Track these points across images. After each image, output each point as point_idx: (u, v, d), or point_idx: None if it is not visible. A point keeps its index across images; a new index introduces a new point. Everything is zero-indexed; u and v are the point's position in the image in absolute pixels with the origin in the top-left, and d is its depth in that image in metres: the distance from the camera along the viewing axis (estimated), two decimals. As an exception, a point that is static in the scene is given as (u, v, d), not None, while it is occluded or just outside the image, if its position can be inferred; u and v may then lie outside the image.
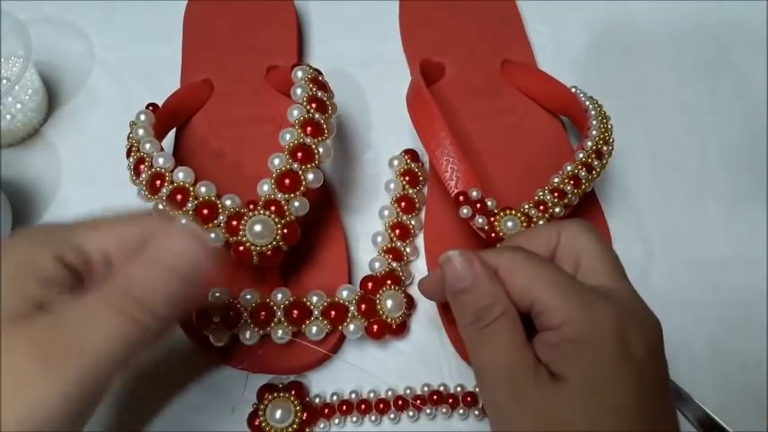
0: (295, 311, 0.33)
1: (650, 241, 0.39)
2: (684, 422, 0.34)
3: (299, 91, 0.34)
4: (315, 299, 0.33)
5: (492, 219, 0.33)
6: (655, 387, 0.24)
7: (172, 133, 0.40)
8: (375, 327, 0.33)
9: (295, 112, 0.33)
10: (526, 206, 0.33)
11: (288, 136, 0.32)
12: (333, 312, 0.33)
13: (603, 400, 0.23)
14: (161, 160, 0.32)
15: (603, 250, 0.27)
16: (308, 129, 0.33)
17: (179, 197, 0.31)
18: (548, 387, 0.24)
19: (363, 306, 0.33)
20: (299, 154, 0.32)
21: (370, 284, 0.34)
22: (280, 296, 0.33)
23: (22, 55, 0.39)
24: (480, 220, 0.33)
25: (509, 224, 0.33)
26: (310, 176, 0.32)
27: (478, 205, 0.33)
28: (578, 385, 0.23)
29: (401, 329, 0.34)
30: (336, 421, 0.33)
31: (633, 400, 0.23)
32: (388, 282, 0.34)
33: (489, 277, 0.26)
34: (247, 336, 0.32)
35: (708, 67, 0.46)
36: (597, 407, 0.23)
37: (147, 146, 0.33)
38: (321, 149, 0.33)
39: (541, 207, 0.33)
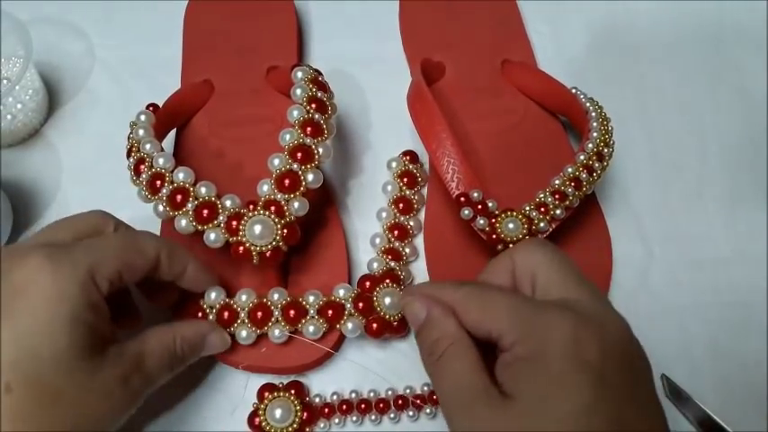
0: (291, 311, 0.33)
1: (650, 241, 0.39)
2: (684, 422, 0.34)
3: (298, 91, 0.34)
4: (311, 298, 0.33)
5: (493, 220, 0.33)
6: (621, 390, 0.24)
7: (172, 133, 0.40)
8: (375, 325, 0.33)
9: (295, 113, 0.33)
10: (527, 208, 0.33)
11: (288, 136, 0.32)
12: (329, 311, 0.33)
13: (552, 411, 0.23)
14: (161, 160, 0.32)
15: (556, 261, 0.28)
16: (308, 129, 0.33)
17: (179, 197, 0.31)
18: (499, 406, 0.24)
19: (360, 304, 0.33)
20: (299, 154, 0.32)
21: (367, 283, 0.34)
22: (276, 296, 0.33)
23: (22, 55, 0.39)
24: (482, 222, 0.33)
25: (510, 225, 0.33)
26: (310, 177, 0.32)
27: (480, 207, 0.33)
28: (527, 400, 0.24)
29: (401, 327, 0.34)
30: (336, 421, 0.33)
31: (590, 405, 0.23)
32: (387, 280, 0.34)
33: (440, 314, 0.28)
34: (244, 335, 0.32)
35: (708, 67, 0.46)
36: (545, 418, 0.23)
37: (148, 146, 0.33)
38: (321, 150, 0.33)
39: (542, 209, 0.33)
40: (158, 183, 0.31)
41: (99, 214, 0.31)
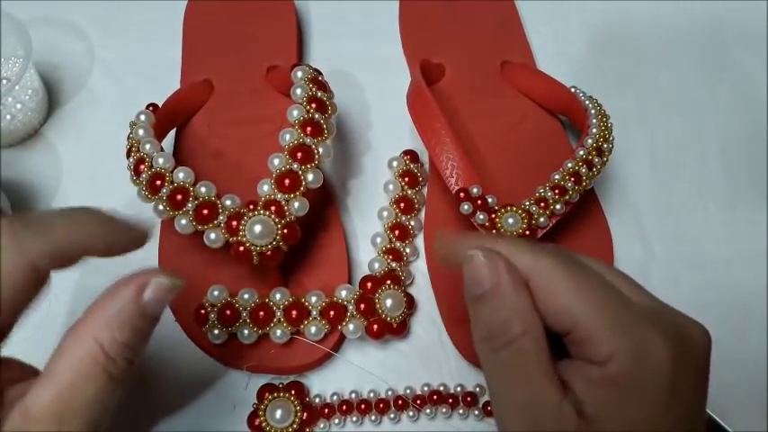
0: (294, 312, 0.33)
1: (650, 241, 0.39)
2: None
3: (298, 91, 0.34)
4: (313, 299, 0.33)
5: (493, 215, 0.33)
6: (698, 415, 0.22)
7: (172, 133, 0.40)
8: (375, 326, 0.33)
9: (295, 113, 0.33)
10: (527, 203, 0.33)
11: (288, 136, 0.32)
12: (331, 312, 0.33)
13: None
14: (161, 160, 0.32)
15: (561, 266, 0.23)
16: (308, 129, 0.33)
17: (179, 197, 0.31)
18: (574, 429, 0.20)
19: (362, 305, 0.33)
20: (299, 154, 0.32)
21: (369, 284, 0.34)
22: (279, 296, 0.33)
23: (22, 55, 0.39)
24: (481, 217, 0.33)
25: (510, 220, 0.33)
26: (310, 177, 0.32)
27: (479, 202, 0.33)
28: (610, 429, 0.20)
29: (401, 329, 0.34)
30: (336, 421, 0.33)
31: None
32: (388, 281, 0.34)
33: (515, 288, 0.22)
34: (245, 334, 0.32)
35: (708, 67, 0.46)
36: None
37: (148, 146, 0.33)
38: (321, 150, 0.33)
39: (542, 204, 0.33)
40: (158, 183, 0.31)
41: None
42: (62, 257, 0.22)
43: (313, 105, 0.33)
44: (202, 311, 0.33)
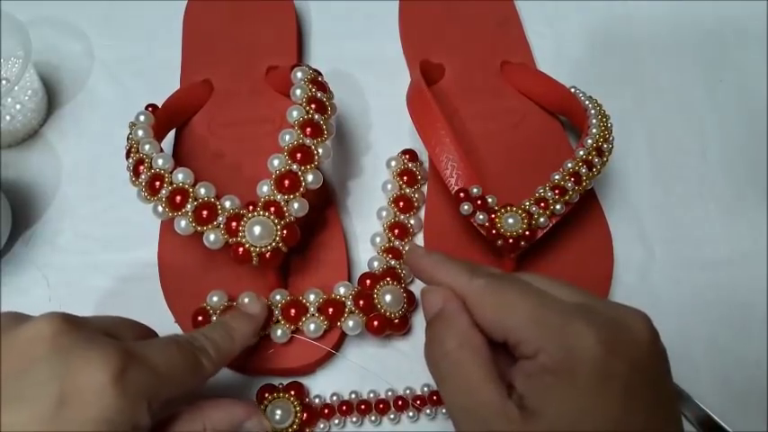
0: (292, 310, 0.33)
1: (650, 241, 0.39)
2: (684, 422, 0.34)
3: (298, 92, 0.34)
4: (312, 296, 0.33)
5: (492, 216, 0.33)
6: (647, 399, 0.23)
7: (171, 133, 0.40)
8: (376, 322, 0.33)
9: (294, 113, 0.33)
10: (527, 203, 0.33)
11: (287, 137, 0.32)
12: (330, 309, 0.33)
13: (579, 429, 0.22)
14: (160, 161, 0.32)
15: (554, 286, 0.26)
16: (308, 130, 0.33)
17: (178, 198, 0.31)
18: (518, 422, 0.22)
19: (361, 302, 0.33)
20: (299, 155, 0.32)
21: (368, 281, 0.34)
22: (278, 297, 0.33)
23: (21, 55, 0.39)
24: (481, 217, 0.33)
25: (510, 220, 0.33)
26: (310, 177, 0.32)
27: (479, 202, 0.33)
28: (552, 417, 0.22)
29: (403, 324, 0.34)
30: (336, 422, 0.33)
31: (618, 419, 0.22)
32: (387, 278, 0.34)
33: (454, 310, 0.25)
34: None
35: (708, 67, 0.46)
36: None
37: (147, 147, 0.33)
38: (320, 150, 0.33)
39: (542, 204, 0.33)
40: (158, 184, 0.31)
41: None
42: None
43: (313, 106, 0.33)
44: (200, 318, 0.33)
